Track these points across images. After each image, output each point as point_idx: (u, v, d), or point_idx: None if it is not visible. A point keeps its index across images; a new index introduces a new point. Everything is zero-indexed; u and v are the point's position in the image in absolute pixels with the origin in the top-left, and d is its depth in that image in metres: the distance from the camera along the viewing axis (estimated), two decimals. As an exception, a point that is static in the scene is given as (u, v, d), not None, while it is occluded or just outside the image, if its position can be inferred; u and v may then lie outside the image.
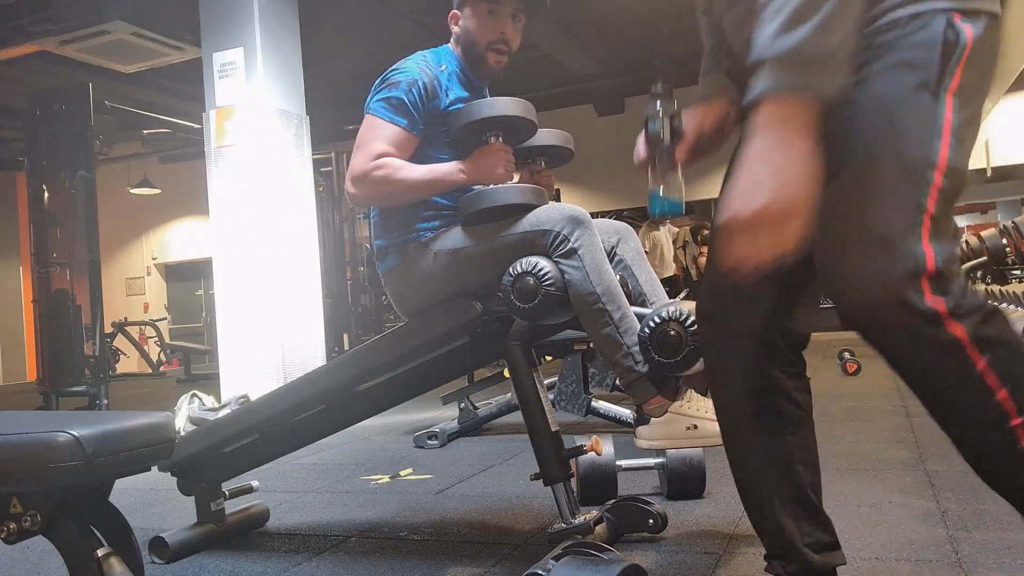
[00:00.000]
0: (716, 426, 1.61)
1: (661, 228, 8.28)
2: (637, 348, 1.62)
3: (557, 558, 1.60)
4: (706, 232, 8.64)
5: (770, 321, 1.20)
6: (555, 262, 1.65)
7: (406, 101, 1.79)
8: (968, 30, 0.96)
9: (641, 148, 1.29)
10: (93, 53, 5.99)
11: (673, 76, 10.04)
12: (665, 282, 7.99)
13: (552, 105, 10.62)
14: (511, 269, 1.65)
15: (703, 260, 8.57)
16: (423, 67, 1.84)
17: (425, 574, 1.83)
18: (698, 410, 1.66)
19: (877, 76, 0.99)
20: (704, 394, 1.67)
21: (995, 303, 0.98)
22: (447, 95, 1.85)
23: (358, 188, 1.79)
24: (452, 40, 1.95)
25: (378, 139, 1.79)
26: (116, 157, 10.80)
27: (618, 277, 1.76)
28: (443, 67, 1.88)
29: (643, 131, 1.28)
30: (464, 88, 1.91)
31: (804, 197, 0.88)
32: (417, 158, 1.82)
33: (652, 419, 1.66)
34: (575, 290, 1.62)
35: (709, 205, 12.96)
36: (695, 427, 1.64)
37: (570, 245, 1.64)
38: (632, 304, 1.72)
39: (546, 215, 1.69)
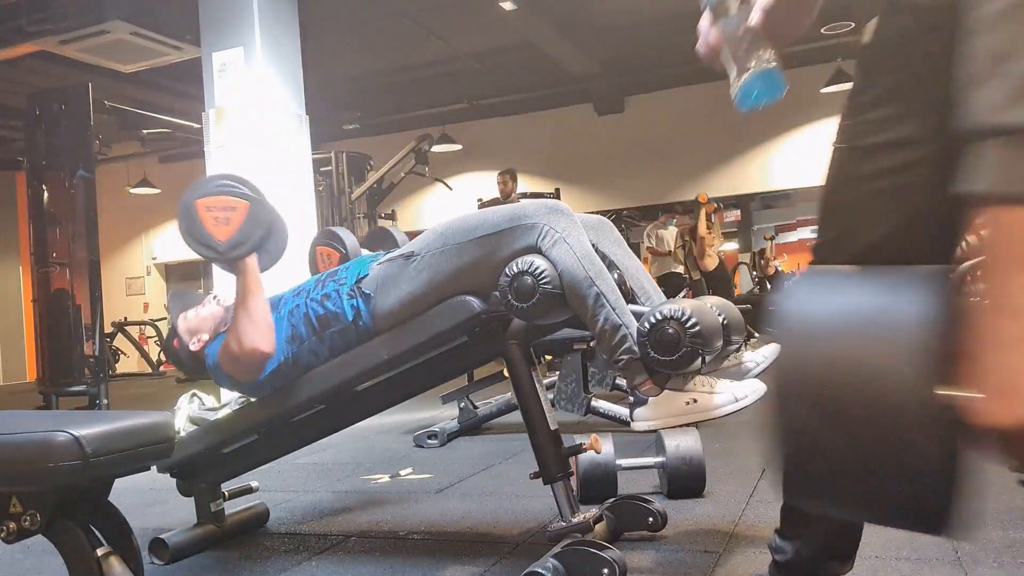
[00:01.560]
0: (716, 399, 1.59)
1: (668, 228, 8.36)
2: (633, 331, 1.62)
3: (557, 556, 1.60)
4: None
5: None
6: (545, 254, 1.65)
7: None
8: None
9: (707, 29, 1.01)
10: (92, 53, 5.99)
11: (674, 76, 9.99)
12: (672, 277, 8.12)
13: (552, 105, 10.63)
14: (507, 269, 1.64)
15: (706, 261, 8.55)
16: None
17: (425, 573, 1.83)
18: (697, 385, 1.64)
19: None
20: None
21: None
22: None
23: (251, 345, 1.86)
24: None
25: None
26: (116, 157, 10.80)
27: (615, 276, 1.75)
28: None
29: (706, 8, 1.02)
30: None
31: None
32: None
33: (650, 398, 1.65)
34: (569, 277, 1.62)
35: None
36: (694, 401, 1.62)
37: (558, 235, 1.65)
38: (627, 302, 1.72)
39: (531, 209, 1.69)
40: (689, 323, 1.54)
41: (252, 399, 2.01)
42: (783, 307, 0.63)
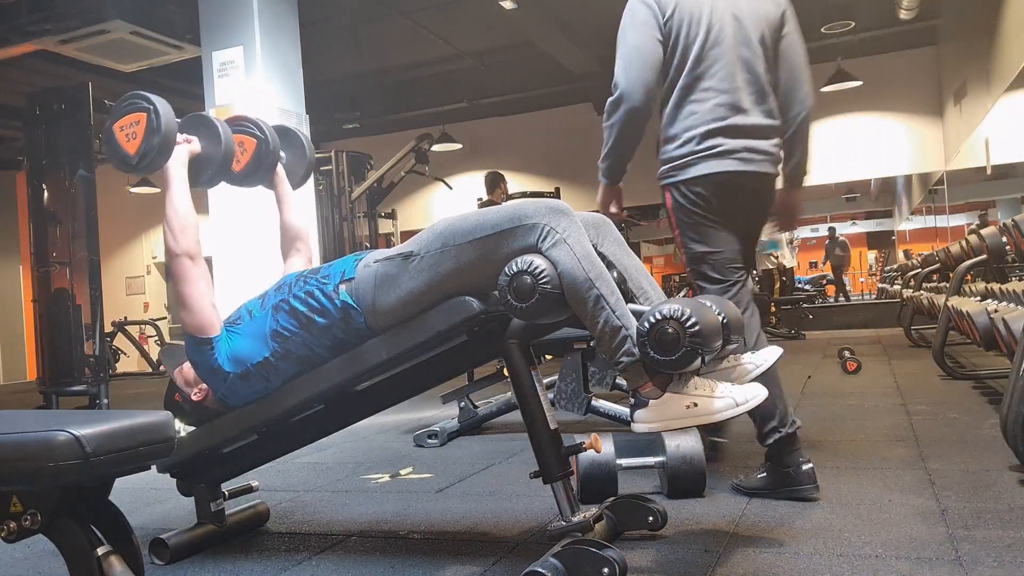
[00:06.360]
0: (717, 403, 1.59)
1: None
2: (633, 332, 1.62)
3: (557, 556, 1.60)
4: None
5: None
6: (545, 255, 1.64)
7: None
8: None
9: None
10: (92, 52, 5.98)
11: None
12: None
13: (551, 103, 10.63)
14: (507, 269, 1.64)
15: None
16: None
17: (425, 573, 1.83)
18: (697, 388, 1.64)
19: None
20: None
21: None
22: None
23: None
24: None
25: None
26: (116, 157, 10.78)
27: (614, 275, 1.75)
28: None
29: None
30: None
31: None
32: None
33: (650, 401, 1.64)
34: (569, 279, 1.62)
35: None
36: (695, 405, 1.61)
37: (559, 235, 1.64)
38: (627, 302, 1.71)
39: (532, 209, 1.69)
40: (688, 322, 1.54)
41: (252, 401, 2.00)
42: None
